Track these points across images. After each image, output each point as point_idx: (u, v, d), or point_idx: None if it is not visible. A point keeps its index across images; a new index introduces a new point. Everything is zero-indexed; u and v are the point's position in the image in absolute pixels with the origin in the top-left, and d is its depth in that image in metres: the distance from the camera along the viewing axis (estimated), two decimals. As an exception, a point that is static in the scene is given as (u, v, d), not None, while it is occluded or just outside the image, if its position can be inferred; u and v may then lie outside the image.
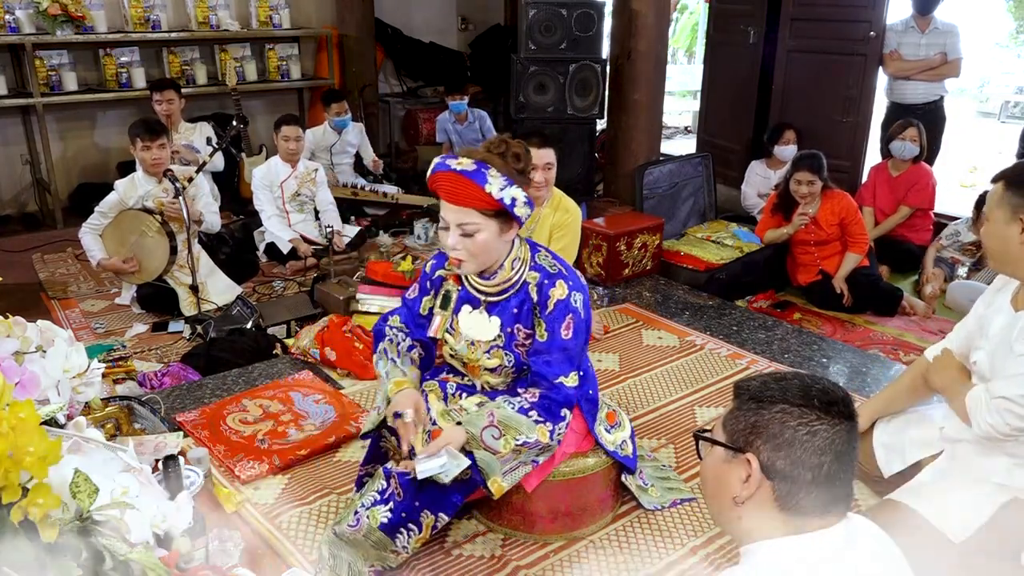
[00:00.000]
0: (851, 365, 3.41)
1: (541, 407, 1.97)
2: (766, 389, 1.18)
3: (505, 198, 1.85)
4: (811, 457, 1.12)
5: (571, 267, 2.11)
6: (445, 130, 5.94)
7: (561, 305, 1.99)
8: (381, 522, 1.93)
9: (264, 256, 4.67)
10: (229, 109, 5.66)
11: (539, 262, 2.05)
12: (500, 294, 2.05)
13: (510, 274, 2.02)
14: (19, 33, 5.16)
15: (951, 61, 4.87)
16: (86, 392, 1.47)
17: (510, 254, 2.01)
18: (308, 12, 6.54)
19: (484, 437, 1.92)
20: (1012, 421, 1.84)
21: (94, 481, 0.98)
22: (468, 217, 1.88)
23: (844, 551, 1.14)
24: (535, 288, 2.02)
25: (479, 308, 2.08)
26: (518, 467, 2.01)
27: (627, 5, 4.86)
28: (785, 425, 1.14)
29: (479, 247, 1.92)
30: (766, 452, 1.15)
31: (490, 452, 1.93)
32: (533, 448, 1.97)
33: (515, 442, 1.93)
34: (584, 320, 2.03)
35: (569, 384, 2.01)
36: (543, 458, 2.06)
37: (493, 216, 1.89)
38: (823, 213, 4.03)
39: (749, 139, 5.88)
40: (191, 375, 3.22)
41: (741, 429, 1.18)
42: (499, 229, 1.92)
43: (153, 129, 3.76)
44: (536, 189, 3.33)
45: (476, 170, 1.84)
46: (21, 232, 5.31)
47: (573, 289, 2.01)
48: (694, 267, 4.52)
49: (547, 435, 1.96)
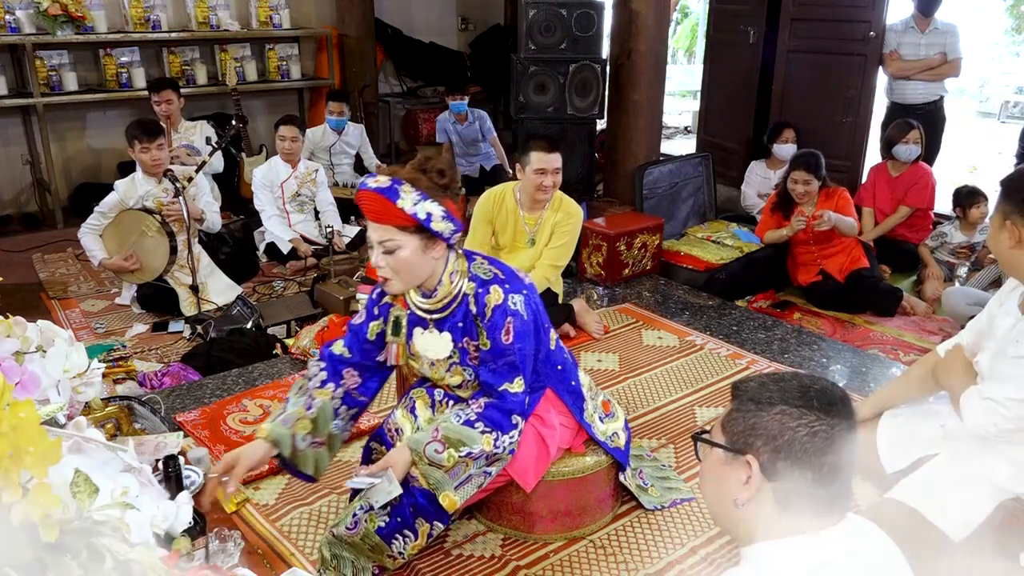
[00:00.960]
0: (851, 365, 3.41)
1: (486, 417, 1.95)
2: (765, 390, 1.18)
3: (419, 213, 1.83)
4: (811, 458, 1.12)
5: (510, 270, 2.07)
6: (445, 130, 5.95)
7: (499, 310, 1.95)
8: (378, 527, 1.94)
9: (264, 256, 4.67)
10: (229, 109, 5.66)
11: (474, 271, 2.02)
12: (444, 310, 2.01)
13: (450, 288, 1.99)
14: (19, 33, 5.16)
15: (951, 61, 4.88)
16: (86, 392, 1.47)
17: (447, 268, 1.98)
18: (308, 12, 6.54)
19: (427, 452, 1.91)
20: (1000, 422, 1.85)
21: (94, 481, 0.98)
22: (387, 234, 1.86)
23: (845, 552, 1.14)
24: (473, 299, 1.98)
25: (429, 327, 2.06)
26: (470, 479, 1.97)
27: (627, 5, 4.85)
28: (785, 426, 1.13)
29: (401, 264, 1.89)
30: (766, 453, 1.14)
31: (435, 466, 1.91)
32: (479, 458, 1.94)
33: (459, 454, 1.90)
34: (529, 320, 1.98)
35: (514, 390, 1.98)
36: (496, 468, 2.01)
37: (413, 232, 1.86)
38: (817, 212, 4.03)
39: (749, 139, 5.88)
40: (191, 375, 3.22)
41: (740, 431, 1.18)
42: (421, 246, 1.88)
43: (150, 130, 3.74)
44: (543, 193, 3.37)
45: (389, 187, 1.83)
46: (21, 232, 5.32)
47: (510, 292, 1.97)
48: (694, 267, 4.52)
49: (491, 444, 1.93)
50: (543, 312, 2.12)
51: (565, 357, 2.23)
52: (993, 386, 1.89)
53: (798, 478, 1.13)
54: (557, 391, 2.16)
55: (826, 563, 1.12)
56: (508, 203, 3.52)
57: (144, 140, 3.71)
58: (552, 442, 2.16)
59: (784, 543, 1.15)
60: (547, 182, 3.34)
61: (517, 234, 3.55)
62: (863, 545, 1.17)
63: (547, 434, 2.15)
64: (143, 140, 3.71)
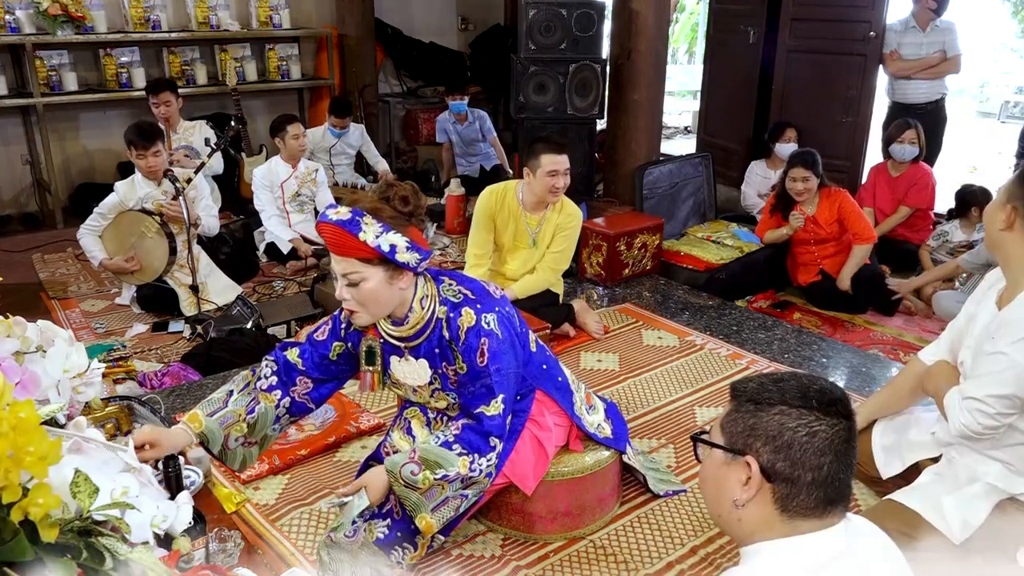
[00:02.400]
0: (851, 365, 3.41)
1: (463, 439, 1.93)
2: (763, 391, 1.18)
3: (382, 245, 1.79)
4: (811, 458, 1.12)
5: (480, 287, 2.02)
6: (445, 130, 5.95)
7: (472, 333, 1.91)
8: (377, 537, 1.95)
9: (264, 256, 4.68)
10: (229, 109, 5.66)
11: (444, 295, 1.97)
12: (417, 336, 1.98)
13: (422, 314, 1.95)
14: (19, 33, 5.17)
15: (951, 58, 4.89)
16: (86, 392, 1.47)
17: (416, 293, 1.95)
18: (308, 12, 6.54)
19: (403, 474, 1.89)
20: (983, 420, 1.85)
21: (94, 481, 0.98)
22: (351, 267, 1.82)
23: (844, 552, 1.14)
24: (446, 323, 1.95)
25: (404, 355, 2.03)
26: (446, 502, 1.95)
27: (627, 5, 4.85)
28: (784, 427, 1.13)
29: (366, 296, 1.85)
30: (766, 454, 1.14)
31: (411, 488, 1.89)
32: (455, 481, 1.91)
33: (434, 477, 1.88)
34: (505, 339, 1.95)
35: (491, 413, 1.94)
36: (472, 492, 1.99)
37: (377, 264, 1.82)
38: (821, 212, 4.03)
39: (749, 139, 5.88)
40: (191, 375, 3.22)
41: (740, 431, 1.18)
42: (387, 277, 1.84)
43: (147, 135, 3.71)
44: (555, 195, 3.40)
45: (350, 219, 1.79)
46: (21, 232, 5.32)
47: (482, 312, 1.93)
48: (694, 267, 4.52)
49: (467, 467, 1.90)
50: (520, 320, 2.11)
51: (548, 355, 2.23)
52: (973, 385, 1.89)
53: (798, 478, 1.12)
54: (546, 390, 2.16)
55: (825, 563, 1.12)
56: (510, 202, 3.52)
57: (139, 145, 3.68)
58: (549, 444, 2.16)
59: (784, 543, 1.15)
60: (559, 183, 3.35)
61: (518, 234, 3.55)
62: (863, 545, 1.17)
63: (544, 437, 2.15)
64: (139, 145, 3.68)
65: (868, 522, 1.23)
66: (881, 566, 1.17)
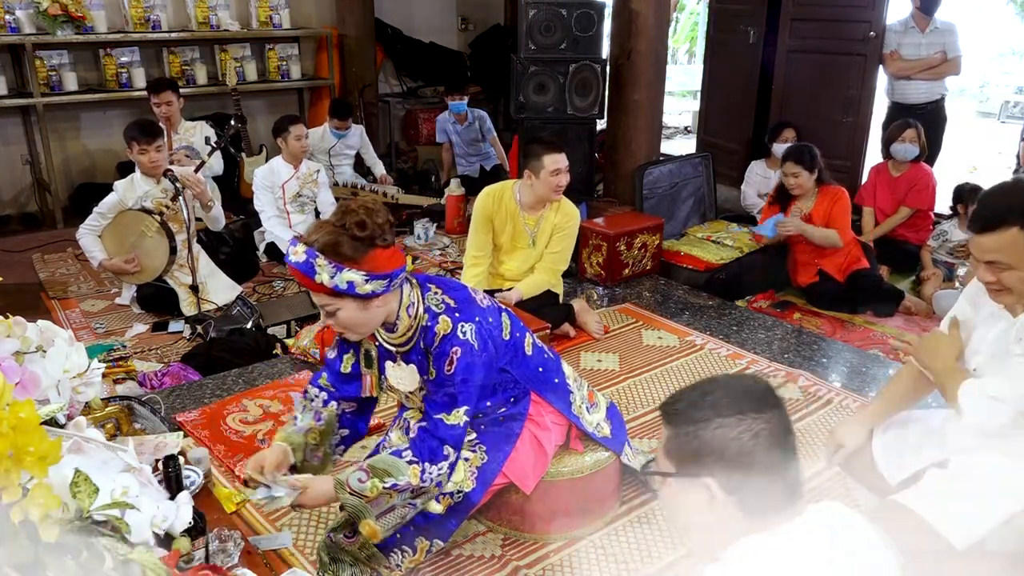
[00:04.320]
0: (851, 365, 3.41)
1: (415, 446, 1.92)
2: (696, 410, 1.19)
3: (339, 284, 1.78)
4: (762, 459, 1.15)
5: (466, 296, 2.02)
6: (445, 130, 5.95)
7: (446, 340, 1.92)
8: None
9: (264, 256, 4.67)
10: (229, 109, 5.66)
11: (428, 303, 1.98)
12: (407, 343, 1.99)
13: (409, 321, 1.96)
14: (19, 33, 5.16)
15: (951, 59, 4.89)
16: (86, 392, 1.47)
17: (402, 302, 1.93)
18: (308, 12, 6.54)
19: (351, 481, 1.87)
20: (1001, 419, 1.84)
21: (94, 481, 0.98)
22: (323, 300, 1.84)
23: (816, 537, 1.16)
24: (424, 331, 1.96)
25: (397, 360, 2.04)
26: (392, 510, 1.94)
27: (627, 5, 4.85)
28: (728, 440, 1.15)
29: (345, 323, 1.87)
30: (720, 471, 1.16)
31: (356, 495, 1.87)
32: (405, 491, 1.90)
33: (383, 485, 1.86)
34: (480, 350, 1.94)
35: (450, 422, 1.93)
36: (421, 501, 1.98)
37: (345, 296, 1.82)
38: (818, 209, 4.03)
39: (749, 139, 5.88)
40: (191, 375, 3.22)
41: (688, 456, 1.19)
42: (358, 306, 1.84)
43: (148, 131, 3.72)
44: (558, 193, 3.45)
45: (304, 262, 1.79)
46: (21, 232, 5.32)
47: (460, 321, 1.93)
48: (694, 267, 4.52)
49: (417, 476, 1.89)
50: (515, 323, 2.11)
51: (545, 357, 2.22)
52: (1000, 384, 1.86)
53: (755, 482, 1.15)
54: (540, 392, 2.16)
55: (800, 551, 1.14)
56: (508, 202, 3.53)
57: (142, 142, 3.69)
58: (548, 443, 2.17)
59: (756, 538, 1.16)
60: (563, 181, 3.42)
61: (517, 234, 3.56)
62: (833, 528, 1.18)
63: (543, 436, 2.16)
64: (141, 142, 3.69)
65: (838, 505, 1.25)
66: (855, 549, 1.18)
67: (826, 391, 3.12)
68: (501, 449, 2.09)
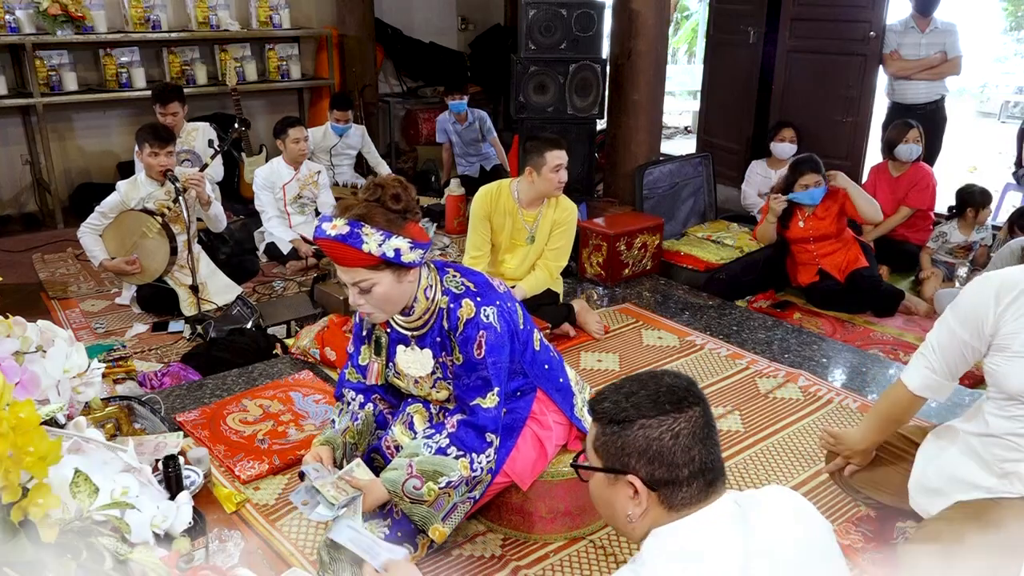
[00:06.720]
0: (851, 365, 3.41)
1: (458, 439, 1.94)
2: (620, 410, 1.24)
3: (387, 252, 1.82)
4: (682, 455, 1.20)
5: (483, 280, 2.05)
6: (445, 130, 5.95)
7: (471, 324, 1.94)
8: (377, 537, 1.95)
9: (264, 256, 4.67)
10: (229, 109, 5.66)
11: (447, 285, 2.01)
12: (423, 327, 2.01)
13: (426, 304, 1.98)
14: (19, 33, 5.16)
15: (951, 59, 4.89)
16: (86, 392, 1.47)
17: (420, 284, 1.97)
18: (308, 12, 6.54)
19: (407, 490, 1.90)
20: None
21: (94, 481, 0.98)
22: (359, 276, 1.86)
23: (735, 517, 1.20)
24: (446, 313, 1.98)
25: (411, 344, 2.06)
26: (455, 508, 1.98)
27: (627, 5, 4.85)
28: (650, 439, 1.20)
29: (380, 299, 1.89)
30: (643, 468, 1.21)
31: (418, 503, 1.90)
32: (459, 485, 1.93)
33: (438, 486, 1.90)
34: (503, 332, 1.97)
35: (487, 405, 1.96)
36: (479, 491, 2.01)
37: (384, 268, 1.85)
38: (820, 207, 4.04)
39: (749, 139, 5.88)
40: (191, 375, 3.22)
41: (614, 453, 1.24)
42: (395, 277, 1.88)
43: (163, 136, 3.74)
44: (559, 189, 3.48)
45: (349, 232, 1.80)
46: (21, 232, 5.32)
47: (482, 304, 1.96)
48: (694, 267, 4.52)
49: (468, 468, 1.92)
50: (525, 317, 2.12)
51: (551, 356, 2.24)
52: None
53: (677, 477, 1.20)
54: (547, 390, 2.17)
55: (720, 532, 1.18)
56: (505, 200, 3.53)
57: (155, 145, 3.71)
58: (549, 443, 2.17)
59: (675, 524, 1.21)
60: (564, 176, 3.45)
61: (515, 232, 3.56)
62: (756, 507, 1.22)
63: (544, 435, 2.16)
64: (154, 145, 3.71)
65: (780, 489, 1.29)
66: (790, 527, 1.22)
67: (826, 391, 3.12)
68: (504, 444, 2.09)
